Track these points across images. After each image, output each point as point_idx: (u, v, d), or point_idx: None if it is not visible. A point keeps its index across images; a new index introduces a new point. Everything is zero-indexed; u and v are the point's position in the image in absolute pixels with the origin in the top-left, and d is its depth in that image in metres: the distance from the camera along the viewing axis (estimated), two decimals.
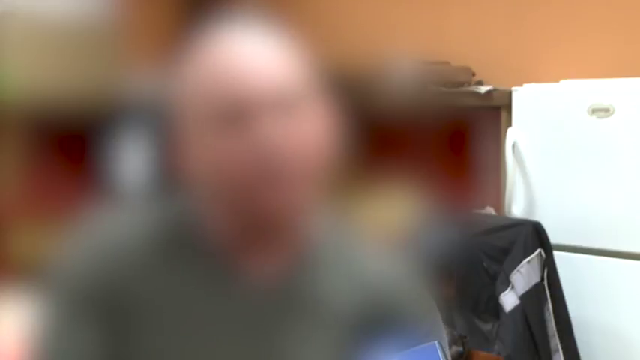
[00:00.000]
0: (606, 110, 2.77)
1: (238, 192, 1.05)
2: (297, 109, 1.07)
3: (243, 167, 1.04)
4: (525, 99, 2.98)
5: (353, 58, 2.83)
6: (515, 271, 2.70)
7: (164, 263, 1.11)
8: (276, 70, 1.07)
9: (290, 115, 1.06)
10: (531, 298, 2.70)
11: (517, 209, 2.99)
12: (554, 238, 2.76)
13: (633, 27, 3.12)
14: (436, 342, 1.01)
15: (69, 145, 2.65)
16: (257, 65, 1.06)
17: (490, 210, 3.18)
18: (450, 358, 1.05)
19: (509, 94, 3.04)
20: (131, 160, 2.70)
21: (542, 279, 2.73)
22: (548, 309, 2.73)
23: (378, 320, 1.09)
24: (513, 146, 2.97)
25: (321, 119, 1.09)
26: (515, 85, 3.03)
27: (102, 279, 1.10)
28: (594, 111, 2.79)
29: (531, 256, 2.71)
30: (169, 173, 1.13)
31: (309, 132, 1.07)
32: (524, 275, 2.69)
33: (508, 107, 3.05)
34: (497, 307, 2.73)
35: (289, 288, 1.13)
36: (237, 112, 1.04)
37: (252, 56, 1.07)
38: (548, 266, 2.74)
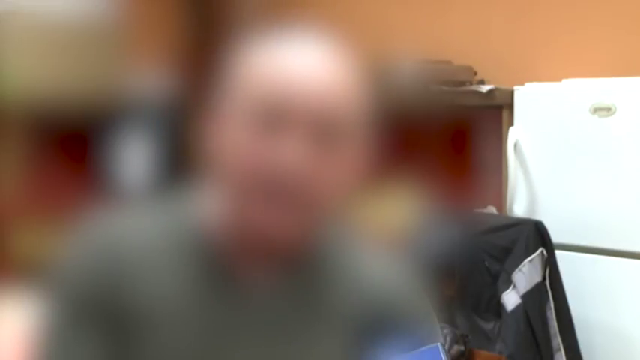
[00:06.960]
0: (608, 109, 2.77)
1: (243, 194, 1.04)
2: (338, 141, 1.03)
3: (256, 171, 1.02)
4: (527, 98, 2.98)
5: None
6: (516, 270, 2.70)
7: (167, 267, 1.10)
8: (333, 91, 1.03)
9: (328, 147, 1.02)
10: (533, 297, 2.70)
11: (519, 208, 2.98)
12: (555, 237, 2.76)
13: (635, 26, 3.12)
14: (439, 343, 1.02)
15: (71, 144, 2.65)
16: (314, 77, 1.03)
17: (492, 209, 3.18)
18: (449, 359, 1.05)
19: (511, 93, 3.03)
20: (133, 160, 2.70)
21: (543, 278, 2.73)
22: (550, 308, 2.73)
23: (378, 323, 1.09)
24: (515, 145, 2.97)
25: (358, 159, 1.05)
26: (517, 84, 3.03)
27: (103, 282, 1.08)
28: (596, 110, 2.79)
29: (533, 255, 2.71)
30: (186, 159, 1.10)
31: (340, 172, 1.04)
32: (525, 274, 2.69)
33: (510, 106, 3.05)
34: (499, 307, 2.73)
35: (291, 293, 1.12)
36: (276, 115, 1.01)
37: (313, 69, 1.03)
38: (550, 265, 2.74)
